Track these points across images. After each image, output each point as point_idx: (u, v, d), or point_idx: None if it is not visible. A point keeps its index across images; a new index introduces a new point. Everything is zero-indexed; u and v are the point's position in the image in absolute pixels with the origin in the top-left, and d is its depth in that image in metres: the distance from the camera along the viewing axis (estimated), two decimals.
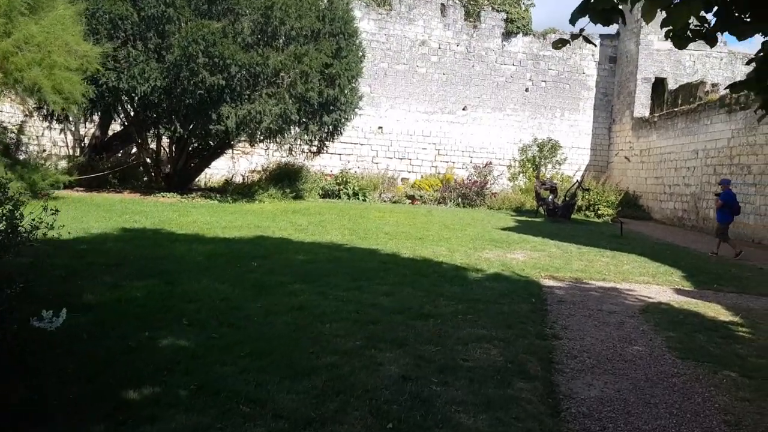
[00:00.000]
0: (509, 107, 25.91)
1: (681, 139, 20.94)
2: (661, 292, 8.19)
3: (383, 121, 25.16)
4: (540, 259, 10.02)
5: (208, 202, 15.20)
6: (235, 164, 23.57)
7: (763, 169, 16.31)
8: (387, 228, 12.43)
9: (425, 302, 6.17)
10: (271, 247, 8.72)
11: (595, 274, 8.97)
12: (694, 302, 7.57)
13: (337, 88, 15.21)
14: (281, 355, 4.10)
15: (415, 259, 8.85)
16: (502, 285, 7.59)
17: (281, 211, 14.15)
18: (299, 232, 10.64)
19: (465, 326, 5.45)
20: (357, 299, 5.94)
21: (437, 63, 25.34)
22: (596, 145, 26.65)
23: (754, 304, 7.73)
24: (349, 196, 20.68)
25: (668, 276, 9.31)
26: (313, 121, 15.59)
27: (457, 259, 9.19)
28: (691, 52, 25.27)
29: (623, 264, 10.11)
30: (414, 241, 10.87)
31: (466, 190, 21.86)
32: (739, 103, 17.71)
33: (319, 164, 23.54)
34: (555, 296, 7.43)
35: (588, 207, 20.94)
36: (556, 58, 26.12)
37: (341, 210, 15.73)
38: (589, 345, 5.49)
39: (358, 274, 7.21)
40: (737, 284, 9.06)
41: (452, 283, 7.32)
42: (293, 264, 7.47)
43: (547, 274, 8.73)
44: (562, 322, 6.24)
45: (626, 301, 7.52)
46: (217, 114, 14.83)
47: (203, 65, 14.42)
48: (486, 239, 11.93)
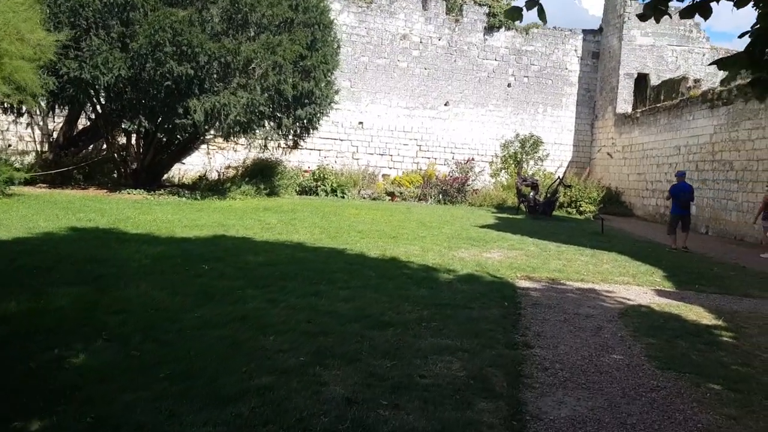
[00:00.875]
0: (492, 103, 25.53)
1: (663, 135, 20.68)
2: (641, 293, 7.79)
3: (364, 116, 24.64)
4: (517, 258, 9.59)
5: (175, 200, 14.59)
6: (211, 160, 22.94)
7: (745, 165, 16.06)
8: (361, 226, 11.94)
9: (387, 308, 5.69)
10: (230, 247, 8.19)
11: (574, 275, 8.55)
12: (676, 304, 7.17)
13: (312, 80, 14.66)
14: (208, 376, 3.59)
15: (384, 259, 8.37)
16: (474, 287, 7.14)
17: (251, 209, 13.59)
18: (265, 231, 10.11)
19: (427, 336, 4.97)
20: (311, 306, 5.44)
21: (419, 57, 24.86)
22: (579, 141, 26.36)
23: (737, 306, 7.36)
24: (326, 192, 20.16)
25: (649, 276, 8.92)
26: (286, 115, 15.02)
27: (430, 259, 8.73)
28: (674, 47, 25.08)
29: (603, 263, 9.72)
30: (387, 239, 10.40)
31: (447, 187, 21.45)
32: (721, 99, 17.44)
33: (297, 160, 22.98)
34: (530, 299, 7.00)
35: (570, 203, 20.62)
36: (538, 53, 25.78)
37: (316, 207, 15.21)
38: (562, 354, 5.05)
39: (318, 277, 6.71)
40: (719, 284, 8.70)
41: (420, 286, 6.85)
42: (249, 267, 6.96)
43: (523, 275, 8.30)
44: (536, 328, 5.80)
45: (605, 303, 7.10)
46: (185, 107, 14.23)
47: (170, 54, 13.80)
48: (462, 237, 11.49)
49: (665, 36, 24.62)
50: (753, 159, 15.77)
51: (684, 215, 12.62)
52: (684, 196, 12.58)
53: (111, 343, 4.01)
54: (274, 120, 15.12)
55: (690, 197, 12.74)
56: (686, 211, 12.66)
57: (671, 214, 13.01)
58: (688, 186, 12.95)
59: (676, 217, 12.70)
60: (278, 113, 15.07)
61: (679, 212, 12.65)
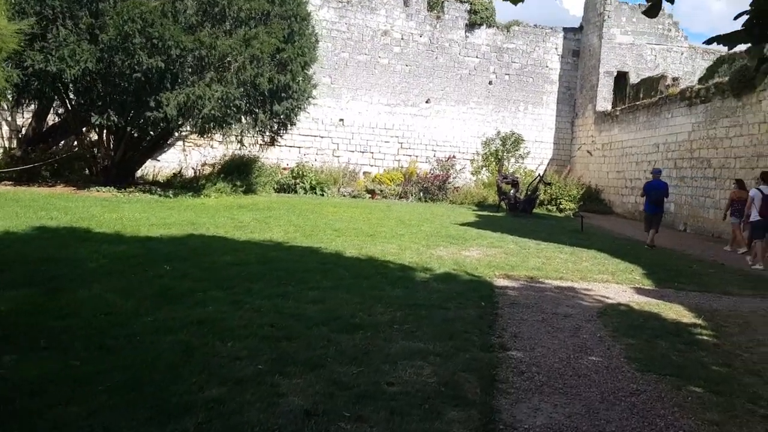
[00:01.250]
0: (473, 100, 25.39)
1: (642, 133, 20.69)
2: (620, 291, 7.63)
3: (344, 113, 24.35)
4: (496, 256, 9.40)
5: (146, 197, 14.18)
6: (187, 157, 22.48)
7: (723, 163, 16.08)
8: (338, 224, 11.66)
9: (359, 309, 5.44)
10: (198, 247, 7.87)
11: (553, 273, 8.37)
12: (655, 303, 7.02)
13: (289, 74, 14.29)
14: (154, 387, 3.30)
15: (359, 258, 8.11)
16: (450, 286, 6.91)
17: (225, 207, 13.24)
18: (237, 230, 9.79)
19: (399, 339, 4.73)
20: (277, 308, 5.16)
21: (400, 54, 24.63)
22: (559, 139, 26.34)
23: (716, 304, 7.22)
24: (305, 190, 19.83)
25: (628, 273, 8.78)
26: (263, 110, 14.65)
27: (407, 258, 8.49)
28: (653, 46, 25.16)
29: (582, 261, 9.56)
30: (364, 238, 10.13)
31: (428, 185, 21.23)
32: (699, 97, 17.46)
33: (276, 157, 22.62)
34: (507, 298, 6.79)
35: (550, 201, 20.55)
36: (519, 51, 25.70)
37: (293, 205, 14.89)
38: (539, 357, 4.84)
39: (288, 277, 6.43)
40: (698, 282, 8.58)
41: (395, 286, 6.60)
42: (215, 267, 6.65)
43: (501, 273, 8.10)
44: (513, 328, 5.59)
45: (584, 302, 6.92)
46: (157, 100, 13.81)
47: (140, 46, 13.37)
48: (441, 235, 11.27)
49: (644, 35, 24.68)
50: (731, 156, 15.79)
51: (656, 213, 12.39)
52: (657, 194, 12.33)
53: (50, 352, 3.69)
54: (250, 115, 14.73)
55: (663, 195, 12.46)
56: (659, 208, 12.42)
57: (645, 212, 12.83)
58: (663, 183, 12.73)
59: (649, 215, 12.51)
60: (254, 108, 14.69)
61: (651, 210, 12.44)
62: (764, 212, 10.59)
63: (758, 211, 10.64)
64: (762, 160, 14.40)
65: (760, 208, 10.61)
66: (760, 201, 10.66)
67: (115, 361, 3.63)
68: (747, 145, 15.09)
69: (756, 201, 10.73)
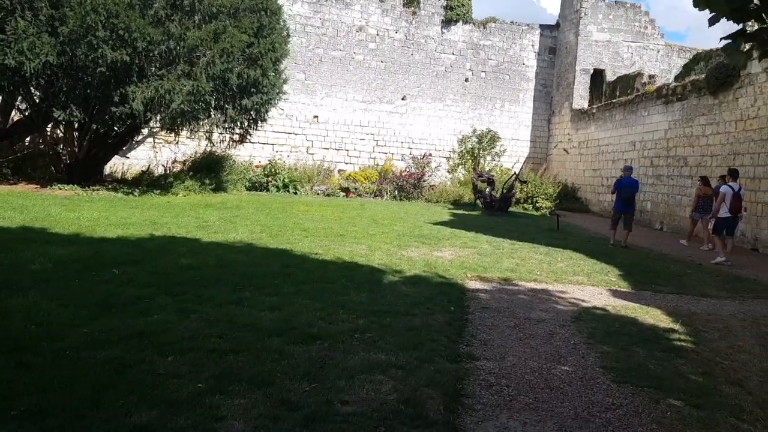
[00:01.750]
0: (449, 97, 25.16)
1: (619, 131, 20.64)
2: (596, 294, 7.39)
3: (319, 109, 23.95)
4: (469, 257, 9.11)
5: (110, 196, 13.64)
6: (157, 154, 21.93)
7: (699, 161, 16.03)
8: (308, 224, 11.28)
9: (319, 317, 5.08)
10: (154, 248, 7.44)
11: (526, 274, 8.11)
12: (632, 306, 6.79)
13: (259, 69, 13.83)
14: (73, 412, 2.92)
15: (326, 260, 7.75)
16: (419, 290, 6.59)
17: (192, 205, 12.77)
18: (200, 230, 9.36)
19: (359, 350, 4.39)
20: (229, 317, 4.79)
21: (375, 50, 24.28)
22: (536, 137, 26.24)
23: (695, 308, 7.02)
24: (278, 188, 19.38)
25: (604, 275, 8.56)
26: (232, 105, 14.16)
27: (376, 260, 8.15)
28: (630, 43, 25.15)
29: (557, 262, 9.32)
30: (333, 238, 9.78)
31: (403, 183, 20.91)
32: (675, 94, 17.41)
33: (249, 155, 22.13)
34: (479, 302, 6.49)
35: (526, 200, 20.39)
36: (496, 47, 25.52)
37: (263, 204, 14.46)
38: (510, 367, 4.54)
39: (246, 282, 6.05)
40: (676, 283, 8.39)
41: (361, 290, 6.26)
42: (169, 270, 6.24)
43: (473, 275, 7.81)
44: (483, 335, 5.29)
45: (558, 306, 6.66)
46: (122, 95, 13.26)
47: (104, 39, 12.82)
48: (414, 235, 10.96)
49: (621, 32, 24.66)
50: (707, 155, 15.75)
51: (627, 211, 12.16)
52: (627, 192, 12.10)
53: None
54: (220, 110, 14.23)
55: (634, 193, 12.27)
56: (630, 207, 12.20)
57: (614, 210, 12.64)
58: (633, 181, 12.52)
59: (618, 213, 12.30)
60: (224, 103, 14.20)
61: (621, 208, 12.21)
62: (735, 209, 10.65)
63: (728, 207, 10.66)
64: (738, 159, 14.36)
65: (730, 204, 10.62)
66: (731, 197, 10.66)
67: (34, 381, 3.23)
68: (723, 143, 15.04)
69: (727, 198, 10.73)
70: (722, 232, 10.88)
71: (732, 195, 10.69)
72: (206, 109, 13.77)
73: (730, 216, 10.73)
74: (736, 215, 10.81)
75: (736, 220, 10.98)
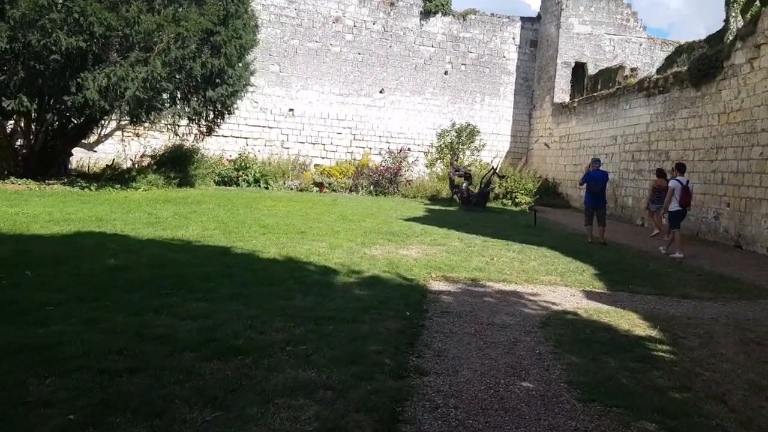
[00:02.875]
0: (428, 91, 24.60)
1: (600, 125, 20.20)
2: (568, 296, 6.84)
3: (294, 102, 23.28)
4: (436, 255, 8.53)
5: (65, 190, 12.89)
6: (126, 148, 21.18)
7: (682, 155, 15.59)
8: (270, 220, 10.64)
9: (250, 326, 4.47)
10: (86, 247, 6.77)
11: (496, 274, 7.55)
12: (606, 309, 6.24)
13: (223, 57, 13.12)
14: None
15: (277, 259, 7.12)
16: (375, 292, 6.00)
17: (150, 200, 12.07)
18: (148, 227, 8.68)
19: (287, 366, 3.78)
20: (142, 327, 4.16)
21: (352, 42, 23.64)
22: (517, 131, 25.77)
23: (674, 310, 6.50)
24: (248, 183, 18.68)
25: (578, 274, 8.02)
26: (196, 96, 13.44)
27: (335, 258, 7.55)
28: (612, 36, 24.74)
29: (530, 260, 8.77)
30: (293, 235, 9.15)
31: (379, 177, 20.29)
32: (657, 87, 16.97)
33: (222, 148, 21.46)
34: (440, 305, 5.92)
35: (505, 195, 19.88)
36: (476, 40, 24.99)
37: (228, 199, 13.77)
38: (463, 383, 3.96)
39: (178, 284, 5.41)
40: (655, 283, 7.87)
41: (308, 293, 5.65)
42: (93, 272, 5.58)
43: (438, 275, 7.24)
44: (438, 344, 4.72)
45: (526, 309, 6.10)
46: (77, 84, 12.51)
47: (59, 24, 12.05)
48: (382, 232, 10.36)
49: (603, 24, 24.24)
50: (689, 149, 15.33)
51: (598, 206, 11.77)
52: (597, 185, 11.72)
53: None
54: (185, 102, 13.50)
55: (604, 185, 11.88)
56: (600, 202, 11.82)
57: (585, 205, 12.23)
58: (603, 173, 12.14)
59: (589, 208, 11.89)
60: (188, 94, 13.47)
61: (591, 203, 11.81)
62: (685, 202, 10.78)
63: (678, 201, 10.76)
64: (722, 152, 13.94)
65: (680, 198, 10.73)
66: (680, 191, 10.76)
67: None
68: (706, 136, 14.61)
69: (676, 191, 10.80)
70: (678, 225, 10.92)
71: (681, 189, 10.78)
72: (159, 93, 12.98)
73: (681, 209, 10.85)
74: (686, 209, 10.98)
75: (685, 213, 11.13)
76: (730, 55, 14.03)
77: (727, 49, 14.24)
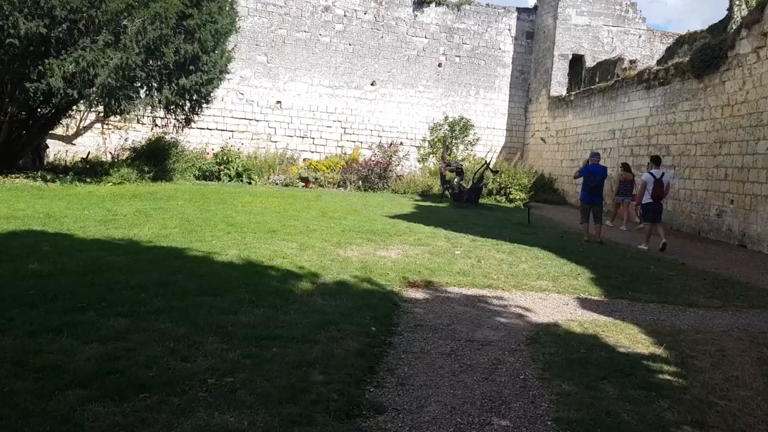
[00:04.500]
0: (421, 83, 23.79)
1: (598, 119, 19.43)
2: (561, 304, 6.08)
3: (282, 94, 22.46)
4: (418, 257, 7.76)
5: (26, 184, 12.09)
6: (107, 141, 20.40)
7: (683, 150, 14.85)
8: (241, 217, 9.85)
9: (171, 350, 3.68)
10: (13, 249, 5.96)
11: (481, 279, 6.78)
12: (603, 322, 5.48)
13: (197, 43, 12.27)
14: None
15: (233, 263, 6.33)
16: (339, 302, 5.22)
17: (116, 195, 11.27)
18: (101, 225, 7.89)
19: (200, 406, 2.99)
20: (26, 355, 3.31)
21: (342, 32, 22.81)
22: (512, 125, 24.99)
23: (680, 321, 5.73)
24: (230, 177, 17.86)
25: (573, 279, 7.25)
26: (168, 84, 12.59)
27: (302, 261, 6.77)
28: (610, 28, 23.94)
29: (521, 262, 8.00)
30: (262, 234, 8.37)
31: (368, 172, 19.48)
32: (657, 79, 16.19)
33: (206, 141, 20.69)
34: (413, 318, 5.15)
35: (499, 191, 19.10)
36: (471, 31, 24.17)
37: (203, 194, 12.97)
38: (426, 424, 3.20)
39: (101, 295, 4.62)
40: (657, 289, 7.11)
41: (259, 305, 4.87)
42: (2, 281, 4.78)
43: (418, 280, 6.46)
44: (404, 369, 3.95)
45: (512, 321, 5.33)
46: (39, 71, 11.69)
47: (16, 5, 11.22)
48: (363, 231, 9.58)
49: (601, 16, 23.43)
50: (690, 143, 14.57)
51: (594, 202, 10.98)
52: (594, 180, 10.91)
53: None
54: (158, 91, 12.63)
55: (602, 180, 11.08)
56: (597, 198, 11.02)
57: (580, 201, 11.49)
58: (602, 168, 11.31)
59: (585, 205, 11.13)
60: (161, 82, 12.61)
61: (588, 199, 11.03)
62: (657, 195, 10.64)
63: (650, 194, 10.64)
64: (725, 147, 13.18)
65: (652, 191, 10.60)
66: (652, 184, 10.60)
67: None
68: (709, 130, 13.84)
69: (649, 185, 10.66)
70: (651, 218, 10.81)
71: (654, 182, 10.61)
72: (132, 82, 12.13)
73: (652, 202, 10.70)
74: (659, 201, 10.82)
75: (660, 206, 10.94)
76: (734, 44, 13.25)
77: (731, 38, 13.48)
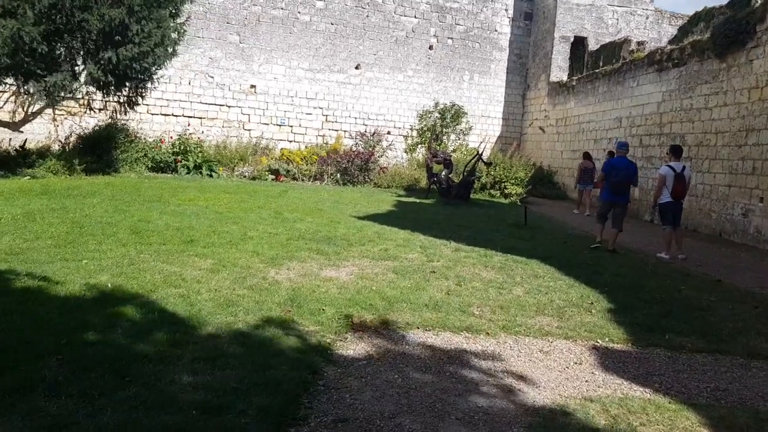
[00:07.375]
0: (411, 67, 21.72)
1: (602, 105, 17.44)
2: (571, 361, 4.10)
3: (257, 78, 20.41)
4: (377, 278, 5.77)
5: None
6: (58, 128, 18.44)
7: (701, 140, 12.89)
8: (161, 221, 7.85)
9: None
10: None
11: (458, 316, 4.80)
12: (639, 400, 3.50)
13: (124, 7, 10.17)
14: None
15: (82, 297, 4.30)
16: (218, 377, 3.25)
17: (16, 192, 9.25)
18: None
19: None
20: None
21: (324, 10, 20.73)
22: (509, 113, 22.95)
23: (751, 391, 3.76)
24: (188, 169, 15.78)
25: (585, 311, 5.26)
26: (93, 59, 10.53)
27: (204, 290, 4.79)
28: (615, 8, 21.88)
29: (514, 284, 6.00)
30: (172, 246, 6.37)
31: (347, 164, 17.45)
32: (671, 60, 14.19)
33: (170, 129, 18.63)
34: (335, 404, 3.17)
35: (494, 185, 17.10)
36: (464, 11, 22.09)
37: (138, 190, 10.92)
38: None
39: None
40: (700, 326, 5.12)
41: (60, 393, 2.88)
42: None
43: (368, 319, 4.49)
44: None
45: (496, 403, 3.35)
46: None
47: None
48: (317, 238, 7.59)
49: None
50: (710, 132, 12.61)
51: (617, 203, 8.96)
52: (618, 177, 8.85)
53: None
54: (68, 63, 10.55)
55: (628, 179, 8.96)
56: (622, 198, 8.99)
57: (600, 200, 9.39)
58: (629, 163, 9.19)
59: (606, 204, 9.08)
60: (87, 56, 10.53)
61: (610, 198, 8.99)
62: (678, 193, 8.76)
63: (670, 191, 8.75)
64: (753, 136, 11.24)
65: (672, 187, 8.71)
66: (672, 180, 8.72)
67: None
68: (732, 117, 11.88)
69: (668, 180, 8.76)
70: (671, 219, 8.92)
71: (674, 177, 8.71)
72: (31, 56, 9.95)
73: (672, 201, 8.81)
74: (680, 200, 8.93)
75: (680, 205, 9.06)
76: (765, 16, 11.28)
77: (761, 9, 11.50)
